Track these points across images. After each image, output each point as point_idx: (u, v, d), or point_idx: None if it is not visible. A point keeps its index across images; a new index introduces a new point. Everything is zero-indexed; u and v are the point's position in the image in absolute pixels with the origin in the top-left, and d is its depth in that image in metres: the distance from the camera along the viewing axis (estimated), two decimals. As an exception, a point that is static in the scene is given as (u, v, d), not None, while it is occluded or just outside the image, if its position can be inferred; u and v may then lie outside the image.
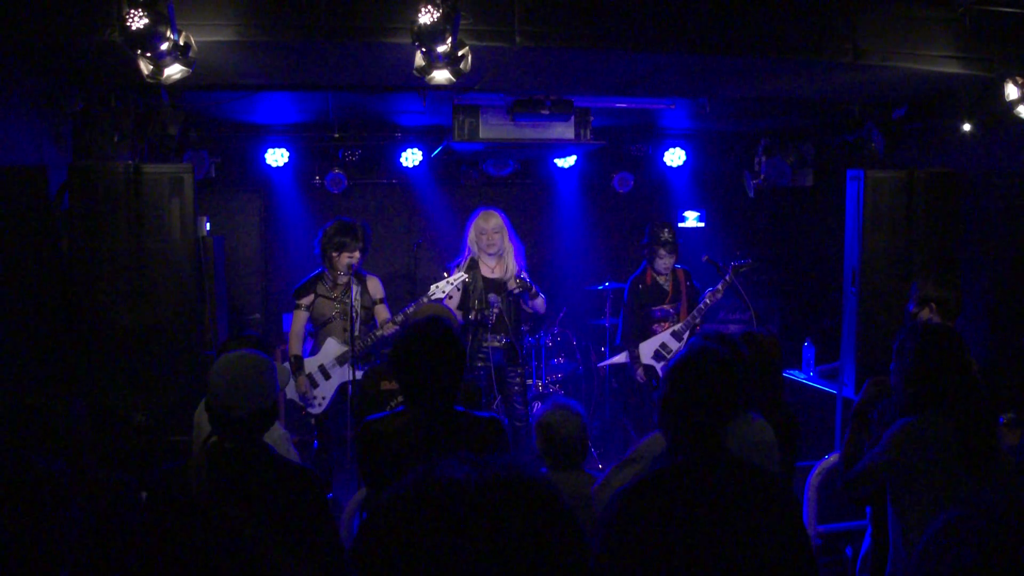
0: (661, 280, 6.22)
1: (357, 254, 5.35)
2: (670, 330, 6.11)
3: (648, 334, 6.15)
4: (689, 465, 2.15)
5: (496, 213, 5.68)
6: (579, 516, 0.99)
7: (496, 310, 5.52)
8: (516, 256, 5.74)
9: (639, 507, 2.08)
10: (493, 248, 5.60)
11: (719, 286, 5.87)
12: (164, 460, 2.58)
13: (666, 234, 6.10)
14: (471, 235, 5.68)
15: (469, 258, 5.69)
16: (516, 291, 5.55)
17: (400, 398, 3.80)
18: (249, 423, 2.46)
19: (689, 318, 6.06)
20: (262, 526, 2.32)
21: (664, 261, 6.12)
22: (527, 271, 5.82)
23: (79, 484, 2.44)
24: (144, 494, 2.55)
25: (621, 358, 6.36)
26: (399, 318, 5.22)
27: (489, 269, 5.68)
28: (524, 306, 5.77)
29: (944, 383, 2.90)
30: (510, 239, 5.71)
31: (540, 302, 5.73)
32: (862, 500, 3.63)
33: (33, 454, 2.24)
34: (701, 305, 5.98)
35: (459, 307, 5.55)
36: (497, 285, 5.65)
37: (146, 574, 2.35)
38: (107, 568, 2.37)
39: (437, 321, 2.95)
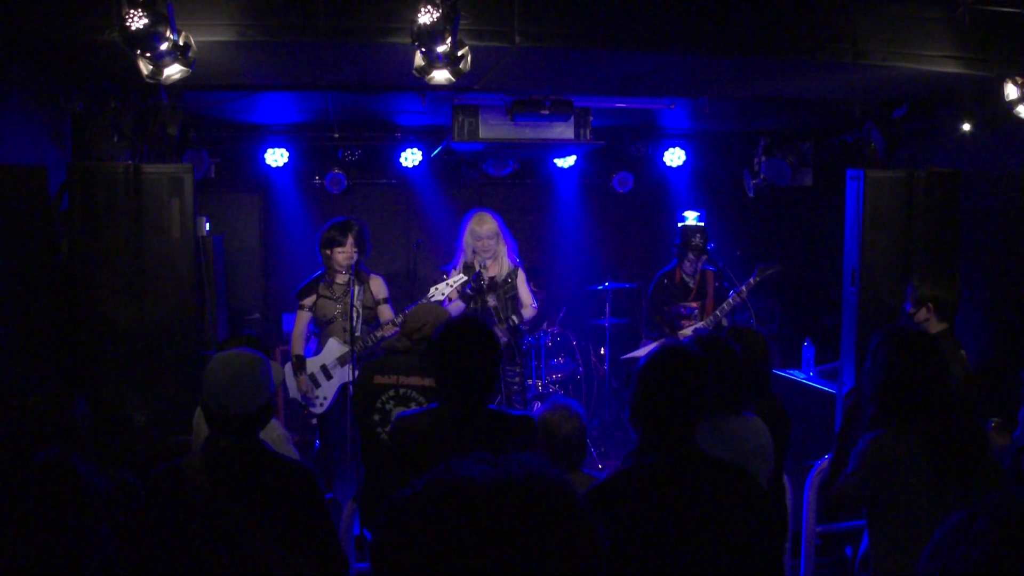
0: (688, 279, 6.39)
1: (349, 249, 5.33)
2: (692, 327, 6.15)
3: (672, 328, 6.22)
4: (659, 464, 2.17)
5: (490, 216, 5.68)
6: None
7: (483, 278, 5.55)
8: (509, 253, 5.76)
9: (608, 506, 2.10)
10: (488, 253, 5.62)
11: (742, 287, 5.93)
12: (164, 460, 2.58)
13: (697, 239, 6.28)
14: (466, 238, 5.69)
15: (463, 261, 5.71)
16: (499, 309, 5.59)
17: (392, 392, 3.83)
18: (244, 421, 2.46)
19: (712, 316, 6.11)
20: (259, 523, 2.33)
21: (691, 264, 6.33)
22: (523, 267, 5.85)
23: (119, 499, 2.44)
24: (143, 493, 2.55)
25: (642, 352, 6.40)
26: (399, 319, 5.22)
27: (484, 269, 5.70)
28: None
29: (915, 396, 2.71)
30: (504, 239, 5.72)
31: (528, 312, 5.80)
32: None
33: (84, 466, 2.23)
34: (724, 305, 6.03)
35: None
36: (493, 284, 5.67)
37: (145, 572, 2.35)
38: (106, 566, 2.37)
39: (475, 320, 2.99)
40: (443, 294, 5.30)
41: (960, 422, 2.75)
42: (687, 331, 6.14)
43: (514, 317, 5.66)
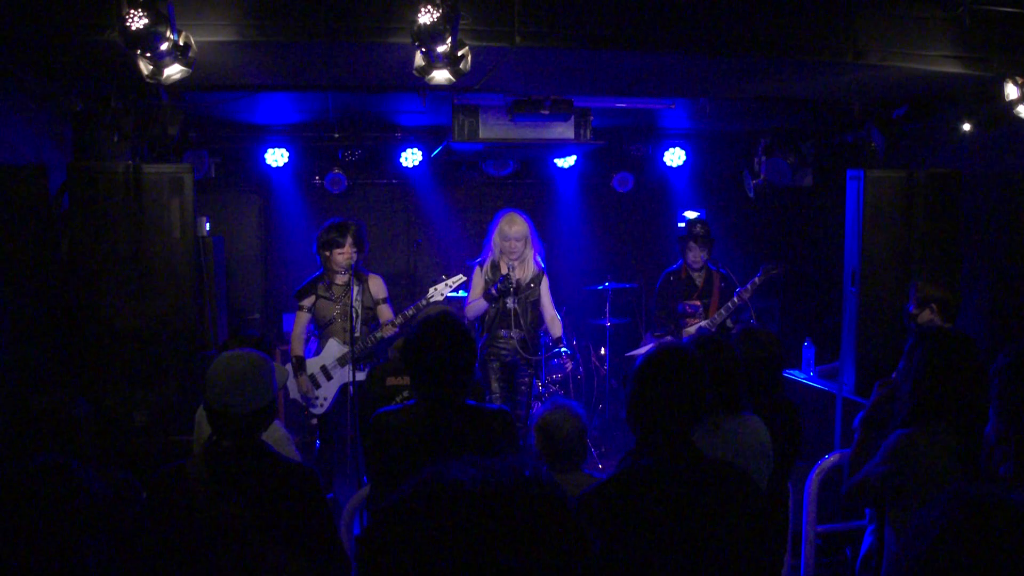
0: (694, 276, 6.37)
1: (350, 250, 5.33)
2: (696, 325, 6.15)
3: (678, 327, 6.22)
4: (654, 465, 2.16)
5: (520, 217, 5.61)
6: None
7: (511, 281, 5.52)
8: (536, 257, 5.71)
9: (604, 508, 2.09)
10: (515, 255, 5.55)
11: (748, 286, 5.93)
12: (164, 460, 2.57)
13: (699, 228, 6.29)
14: (495, 238, 5.62)
15: (491, 260, 5.67)
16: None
17: (407, 393, 3.82)
18: (247, 422, 2.46)
19: (716, 315, 6.11)
20: (261, 524, 2.32)
21: (694, 253, 6.30)
22: (548, 273, 5.81)
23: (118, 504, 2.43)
24: (144, 494, 2.55)
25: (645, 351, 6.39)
26: (399, 320, 5.23)
27: (512, 272, 5.66)
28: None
29: (950, 395, 2.75)
30: (532, 243, 5.67)
31: (556, 329, 5.89)
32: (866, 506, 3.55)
33: (83, 470, 2.23)
34: (729, 304, 6.02)
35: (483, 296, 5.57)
36: (517, 285, 5.63)
37: (145, 574, 2.35)
38: (105, 568, 2.37)
39: (448, 316, 2.98)
40: (441, 295, 5.31)
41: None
42: (691, 329, 6.14)
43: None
